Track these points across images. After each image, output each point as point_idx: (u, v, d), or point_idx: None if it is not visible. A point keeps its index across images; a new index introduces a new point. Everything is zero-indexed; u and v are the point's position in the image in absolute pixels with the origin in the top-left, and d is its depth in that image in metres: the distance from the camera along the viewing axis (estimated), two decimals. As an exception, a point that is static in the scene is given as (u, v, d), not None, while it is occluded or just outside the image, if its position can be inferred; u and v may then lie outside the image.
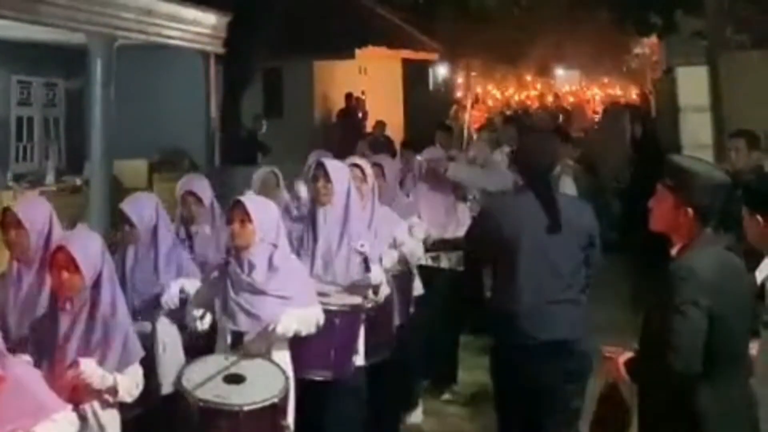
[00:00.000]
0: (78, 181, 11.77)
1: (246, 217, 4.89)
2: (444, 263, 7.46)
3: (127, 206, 5.38)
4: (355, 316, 5.39)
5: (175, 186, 6.38)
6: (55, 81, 13.45)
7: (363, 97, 20.72)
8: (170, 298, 5.19)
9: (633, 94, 29.67)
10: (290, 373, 4.83)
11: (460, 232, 7.11)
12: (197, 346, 5.12)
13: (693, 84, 12.08)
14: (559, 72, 37.28)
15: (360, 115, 19.91)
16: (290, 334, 4.85)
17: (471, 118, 18.46)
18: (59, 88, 13.56)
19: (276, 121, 17.52)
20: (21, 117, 12.95)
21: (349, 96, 19.58)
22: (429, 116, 21.74)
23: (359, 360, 5.49)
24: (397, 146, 9.96)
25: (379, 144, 13.13)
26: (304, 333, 4.91)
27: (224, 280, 4.95)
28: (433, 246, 7.26)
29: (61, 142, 13.54)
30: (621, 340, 4.04)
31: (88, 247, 4.29)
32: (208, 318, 5.02)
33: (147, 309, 5.22)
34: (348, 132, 17.83)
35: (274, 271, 4.91)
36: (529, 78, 35.52)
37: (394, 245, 6.19)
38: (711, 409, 3.58)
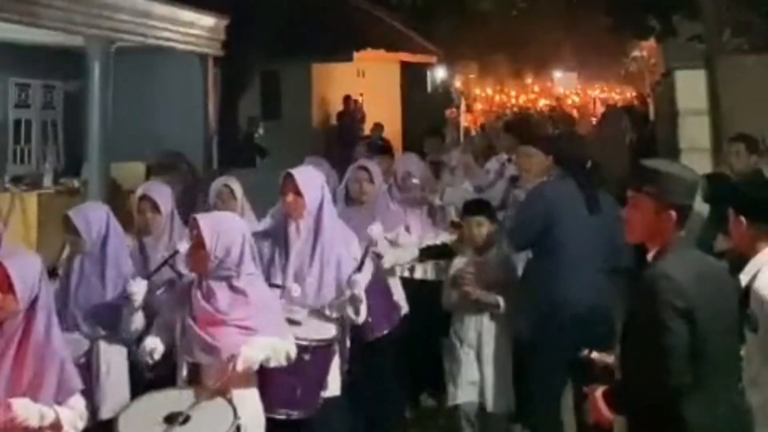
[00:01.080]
0: (76, 184, 11.73)
1: (200, 239, 4.41)
2: (419, 274, 7.14)
3: (75, 214, 5.06)
4: (328, 350, 4.96)
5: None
6: (53, 83, 13.43)
7: (361, 100, 20.72)
8: (138, 293, 4.82)
9: (631, 98, 29.69)
10: (255, 413, 4.42)
11: (438, 241, 7.10)
12: (160, 375, 4.64)
13: (691, 87, 12.08)
14: (557, 75, 37.30)
15: (358, 117, 19.91)
16: (255, 366, 4.37)
17: (468, 122, 18.51)
18: (57, 91, 13.54)
19: (274, 124, 17.53)
20: (19, 119, 12.93)
21: (347, 99, 19.59)
22: (427, 119, 21.78)
23: (335, 390, 5.11)
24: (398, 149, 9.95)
25: (377, 147, 13.14)
26: (273, 364, 4.42)
27: (185, 305, 4.49)
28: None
29: (59, 144, 13.52)
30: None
31: (26, 267, 3.84)
32: (160, 348, 4.55)
33: (90, 325, 4.91)
34: (346, 135, 17.84)
35: (238, 298, 4.42)
36: (528, 81, 35.53)
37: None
38: (697, 418, 3.54)
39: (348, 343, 5.51)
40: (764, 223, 4.22)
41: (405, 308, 6.47)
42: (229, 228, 4.49)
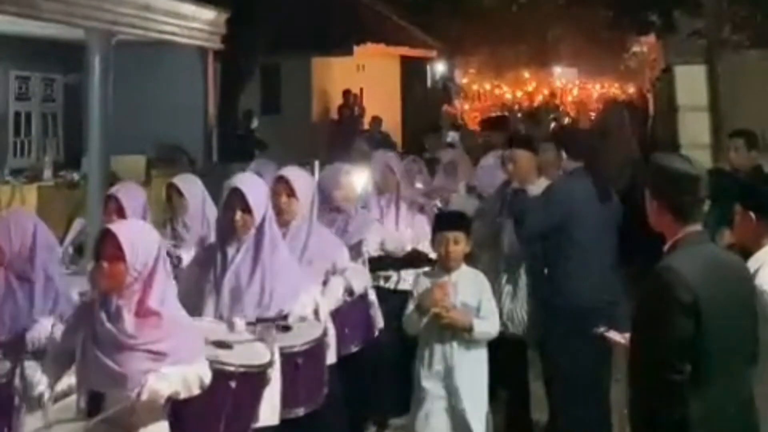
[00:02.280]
0: (76, 177, 11.75)
1: (117, 253, 3.86)
2: (405, 285, 6.52)
3: None
4: (258, 377, 4.34)
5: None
6: (53, 76, 13.44)
7: (360, 94, 20.71)
8: (37, 336, 4.38)
9: (631, 94, 29.67)
10: None
11: (419, 247, 6.69)
12: None
13: (691, 83, 12.10)
14: (557, 70, 37.26)
15: (357, 111, 19.90)
16: (162, 399, 3.86)
17: (467, 118, 18.48)
18: (57, 84, 13.54)
19: (274, 118, 17.53)
20: (19, 112, 12.93)
21: (347, 93, 19.58)
22: (427, 113, 21.78)
23: (270, 420, 4.56)
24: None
25: (377, 141, 13.16)
26: (183, 395, 3.91)
27: (87, 326, 3.96)
28: (384, 263, 6.55)
29: (59, 137, 13.53)
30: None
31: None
32: (64, 380, 4.09)
33: (13, 347, 4.42)
34: (345, 129, 17.84)
35: (148, 319, 3.91)
36: (527, 75, 35.49)
37: (334, 272, 5.49)
38: (700, 411, 3.55)
39: (335, 360, 5.32)
40: None
41: (380, 323, 5.98)
42: (148, 239, 3.99)
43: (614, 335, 4.12)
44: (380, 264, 6.47)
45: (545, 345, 6.23)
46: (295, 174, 5.56)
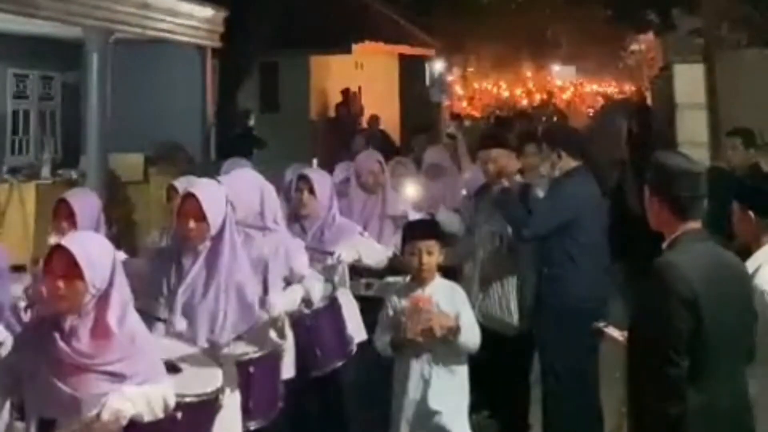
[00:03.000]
0: (74, 175, 11.75)
1: (73, 270, 3.55)
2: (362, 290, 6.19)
3: None
4: (207, 406, 3.98)
5: (170, 179, 6.34)
6: (51, 74, 13.43)
7: (359, 93, 20.70)
8: None
9: (628, 91, 29.69)
10: None
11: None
12: None
13: (689, 81, 12.09)
14: (556, 68, 37.29)
15: (356, 110, 19.90)
16: (124, 421, 3.54)
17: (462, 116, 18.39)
18: (55, 82, 13.53)
19: (272, 116, 17.51)
20: (17, 110, 12.93)
21: (345, 91, 19.57)
22: (425, 112, 21.78)
23: None
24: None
25: (376, 139, 13.15)
26: (146, 419, 3.61)
27: (38, 347, 3.63)
28: (365, 270, 6.10)
29: (57, 135, 13.52)
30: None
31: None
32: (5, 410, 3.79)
33: None
34: (344, 127, 17.83)
35: (107, 339, 3.58)
36: (528, 74, 35.51)
37: (291, 277, 5.15)
38: (697, 406, 3.56)
39: (293, 374, 5.12)
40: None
41: (362, 336, 5.68)
42: (104, 252, 3.67)
43: (612, 331, 4.14)
44: (361, 270, 6.02)
45: (540, 343, 6.17)
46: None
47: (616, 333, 4.11)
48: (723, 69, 11.68)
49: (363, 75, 21.13)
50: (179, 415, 3.74)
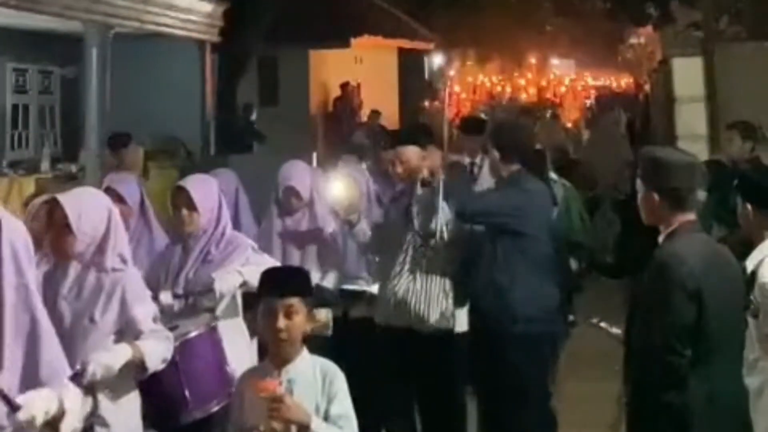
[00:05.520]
0: (73, 169, 11.75)
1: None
2: None
3: None
4: None
5: (170, 174, 6.35)
6: (50, 69, 13.42)
7: (358, 87, 20.71)
8: None
9: (627, 84, 29.69)
10: None
11: (324, 282, 5.75)
12: None
13: (688, 75, 12.11)
14: (555, 62, 37.24)
15: (355, 104, 19.90)
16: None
17: (451, 113, 18.22)
18: (55, 76, 13.53)
19: (271, 110, 17.52)
20: (16, 104, 12.93)
21: (345, 85, 19.57)
22: (424, 106, 21.78)
23: None
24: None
25: (375, 133, 13.14)
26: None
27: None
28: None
29: (57, 129, 13.53)
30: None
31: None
32: None
33: None
34: (343, 121, 17.84)
35: None
36: (526, 67, 35.43)
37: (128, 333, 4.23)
38: (697, 396, 3.59)
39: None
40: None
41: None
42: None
43: (606, 326, 4.17)
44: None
45: (477, 351, 5.59)
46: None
47: (609, 327, 4.15)
48: (722, 62, 11.70)
49: (362, 69, 21.13)
50: None
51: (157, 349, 4.18)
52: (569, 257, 6.85)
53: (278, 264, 5.11)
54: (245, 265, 4.92)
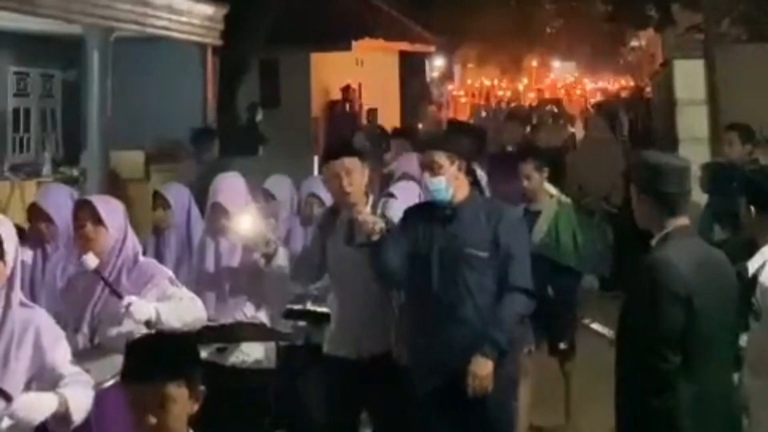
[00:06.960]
0: (75, 172, 11.73)
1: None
2: (235, 358, 5.13)
3: None
4: None
5: (172, 177, 6.33)
6: (51, 72, 13.42)
7: (358, 89, 20.71)
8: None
9: (628, 87, 29.68)
10: None
11: (267, 315, 5.21)
12: None
13: (690, 77, 12.12)
14: (556, 64, 37.29)
15: (354, 106, 19.91)
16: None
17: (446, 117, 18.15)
18: (56, 80, 13.53)
19: (273, 112, 17.52)
20: (18, 108, 12.92)
21: (345, 88, 19.59)
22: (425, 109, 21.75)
23: None
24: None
25: (375, 135, 13.11)
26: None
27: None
28: (208, 336, 4.87)
29: (58, 133, 13.52)
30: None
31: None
32: None
33: None
34: (342, 124, 17.85)
35: None
36: (527, 72, 35.47)
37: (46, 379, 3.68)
38: (687, 400, 3.59)
39: None
40: None
41: None
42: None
43: (598, 327, 4.20)
44: (206, 335, 4.80)
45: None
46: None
47: (603, 329, 4.16)
48: (723, 65, 11.69)
49: (363, 72, 21.14)
50: None
51: (82, 395, 3.57)
52: (548, 283, 6.28)
53: (197, 299, 4.56)
54: (161, 300, 4.38)
